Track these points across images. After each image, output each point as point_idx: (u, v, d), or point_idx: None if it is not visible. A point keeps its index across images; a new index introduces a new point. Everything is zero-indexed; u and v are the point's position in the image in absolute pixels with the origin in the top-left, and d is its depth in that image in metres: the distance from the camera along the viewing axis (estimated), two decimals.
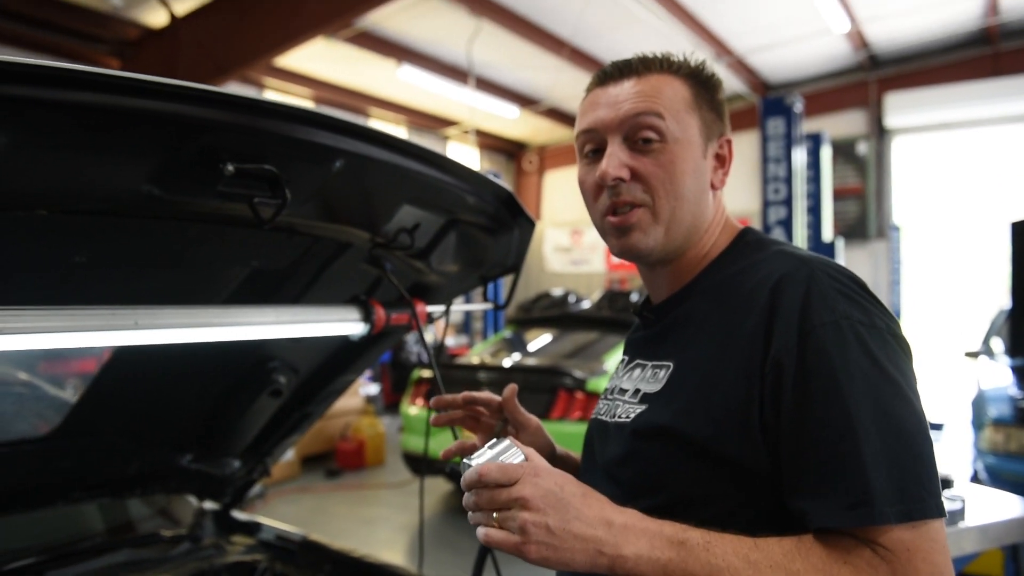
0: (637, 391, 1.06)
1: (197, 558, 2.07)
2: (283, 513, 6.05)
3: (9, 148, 0.79)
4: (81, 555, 1.89)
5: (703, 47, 10.73)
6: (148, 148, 0.90)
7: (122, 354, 1.51)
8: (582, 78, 12.55)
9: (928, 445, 0.86)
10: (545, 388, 5.43)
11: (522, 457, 0.85)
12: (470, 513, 0.84)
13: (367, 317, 1.44)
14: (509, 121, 14.31)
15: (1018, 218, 4.94)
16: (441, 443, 6.23)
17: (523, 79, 12.40)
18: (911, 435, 0.85)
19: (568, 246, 15.82)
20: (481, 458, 0.85)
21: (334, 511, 6.26)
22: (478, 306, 1.85)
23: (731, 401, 0.92)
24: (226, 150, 0.94)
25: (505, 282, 1.82)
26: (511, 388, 1.24)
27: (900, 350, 0.91)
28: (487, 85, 12.25)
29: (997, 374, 5.38)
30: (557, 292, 7.16)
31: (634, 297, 6.47)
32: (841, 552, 0.82)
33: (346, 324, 1.42)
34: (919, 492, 0.82)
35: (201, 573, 1.98)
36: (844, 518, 0.82)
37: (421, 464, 4.95)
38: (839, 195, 12.06)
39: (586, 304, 7.01)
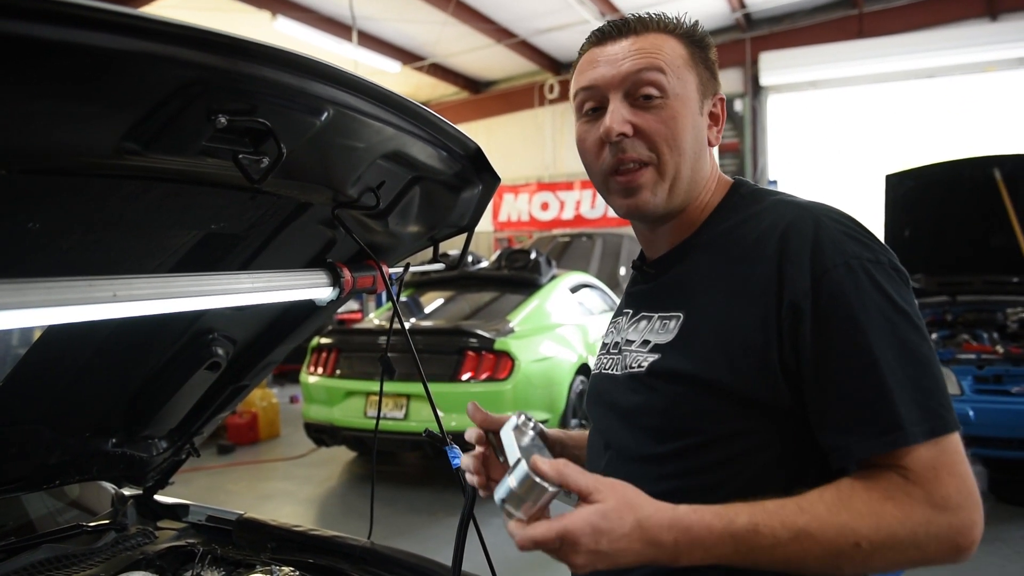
0: (646, 342, 1.07)
1: (127, 548, 1.92)
2: (176, 494, 5.74)
3: None
4: None
5: (589, 4, 10.79)
6: (136, 97, 0.78)
7: (50, 333, 1.36)
8: (467, 33, 12.42)
9: (939, 368, 0.92)
10: (452, 350, 5.40)
11: (551, 489, 0.82)
12: None
13: (336, 281, 1.36)
14: (390, 77, 13.90)
15: (891, 171, 5.33)
16: (344, 411, 6.13)
17: (406, 33, 12.07)
18: (926, 359, 0.91)
19: None
20: (503, 488, 0.84)
21: (231, 488, 6.02)
22: (431, 267, 1.79)
23: (750, 348, 0.95)
24: (217, 100, 0.84)
25: None
26: (472, 406, 1.13)
27: (903, 283, 0.96)
28: (368, 39, 11.83)
29: None
30: (454, 252, 7.07)
31: (533, 255, 6.49)
32: (880, 489, 0.86)
33: (316, 289, 1.34)
34: (938, 410, 0.88)
35: (135, 564, 1.84)
36: (877, 445, 0.87)
37: (373, 433, 4.76)
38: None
39: (484, 264, 6.98)
